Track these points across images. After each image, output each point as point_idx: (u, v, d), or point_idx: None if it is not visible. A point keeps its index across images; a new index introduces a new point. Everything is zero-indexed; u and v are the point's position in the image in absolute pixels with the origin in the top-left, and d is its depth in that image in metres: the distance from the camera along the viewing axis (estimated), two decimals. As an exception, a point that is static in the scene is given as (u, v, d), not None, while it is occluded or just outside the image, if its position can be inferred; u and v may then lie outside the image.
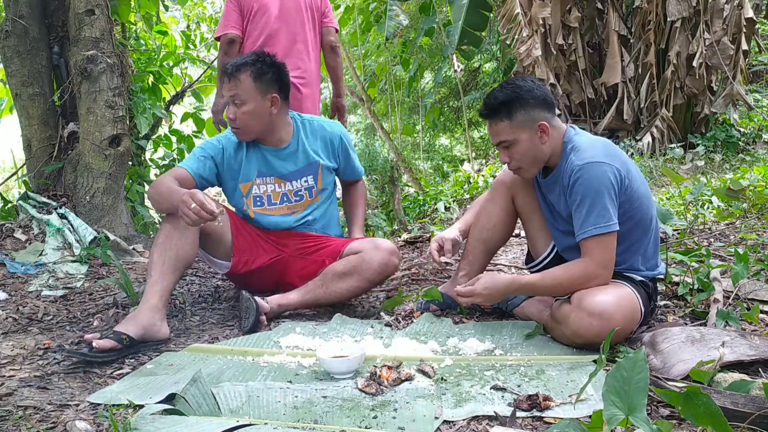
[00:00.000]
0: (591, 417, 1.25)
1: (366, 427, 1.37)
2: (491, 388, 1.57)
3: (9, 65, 3.49)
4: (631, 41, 6.61)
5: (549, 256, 2.15)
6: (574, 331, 1.78)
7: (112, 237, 3.27)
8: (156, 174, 4.82)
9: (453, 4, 6.56)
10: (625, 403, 1.05)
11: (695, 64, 6.08)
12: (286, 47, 3.08)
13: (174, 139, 5.11)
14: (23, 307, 2.43)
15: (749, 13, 6.10)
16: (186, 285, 2.87)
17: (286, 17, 3.10)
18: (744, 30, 6.13)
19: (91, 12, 3.41)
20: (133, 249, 3.37)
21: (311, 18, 3.20)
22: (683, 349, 1.62)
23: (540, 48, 6.28)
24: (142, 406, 1.47)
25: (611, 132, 6.56)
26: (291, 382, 1.66)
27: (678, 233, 3.00)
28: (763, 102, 7.57)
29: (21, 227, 3.27)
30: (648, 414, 1.18)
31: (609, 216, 1.78)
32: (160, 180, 2.22)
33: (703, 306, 2.08)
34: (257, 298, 2.16)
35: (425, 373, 1.68)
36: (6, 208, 3.61)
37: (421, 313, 2.24)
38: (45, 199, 3.40)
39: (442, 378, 1.66)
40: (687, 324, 1.96)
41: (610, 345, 1.57)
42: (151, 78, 4.57)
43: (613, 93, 6.55)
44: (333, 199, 2.54)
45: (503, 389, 1.56)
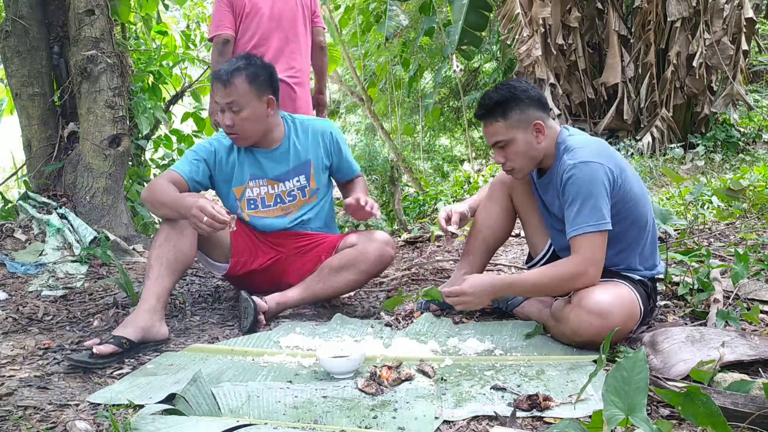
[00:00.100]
0: (591, 417, 1.25)
1: (366, 427, 1.37)
2: (491, 388, 1.57)
3: (9, 65, 3.49)
4: (631, 41, 6.60)
5: (547, 255, 2.16)
6: (573, 330, 1.78)
7: (112, 237, 3.26)
8: (155, 174, 4.82)
9: (453, 4, 6.56)
10: (625, 403, 1.05)
11: (695, 64, 6.08)
12: (279, 47, 3.07)
13: (174, 139, 5.11)
14: (23, 307, 2.43)
15: (749, 13, 6.09)
16: (186, 285, 2.87)
17: (279, 17, 3.08)
18: (744, 30, 6.12)
19: (91, 12, 3.41)
20: (133, 249, 3.37)
21: (303, 17, 3.18)
22: (683, 349, 1.62)
23: (540, 48, 6.28)
24: (142, 406, 1.47)
25: (611, 132, 6.56)
26: (291, 382, 1.66)
27: (678, 233, 3.00)
28: (763, 102, 7.56)
29: (21, 227, 3.27)
30: (648, 414, 1.18)
31: (601, 215, 1.77)
32: (154, 183, 2.19)
33: (703, 306, 2.08)
34: (255, 297, 2.16)
35: (425, 373, 1.68)
36: (6, 208, 3.60)
37: (421, 313, 2.24)
38: (45, 199, 3.40)
39: (442, 378, 1.66)
40: (687, 324, 1.96)
41: (609, 344, 1.57)
42: (151, 78, 4.56)
43: (613, 93, 6.55)
44: (328, 200, 2.53)
45: (503, 389, 1.56)
